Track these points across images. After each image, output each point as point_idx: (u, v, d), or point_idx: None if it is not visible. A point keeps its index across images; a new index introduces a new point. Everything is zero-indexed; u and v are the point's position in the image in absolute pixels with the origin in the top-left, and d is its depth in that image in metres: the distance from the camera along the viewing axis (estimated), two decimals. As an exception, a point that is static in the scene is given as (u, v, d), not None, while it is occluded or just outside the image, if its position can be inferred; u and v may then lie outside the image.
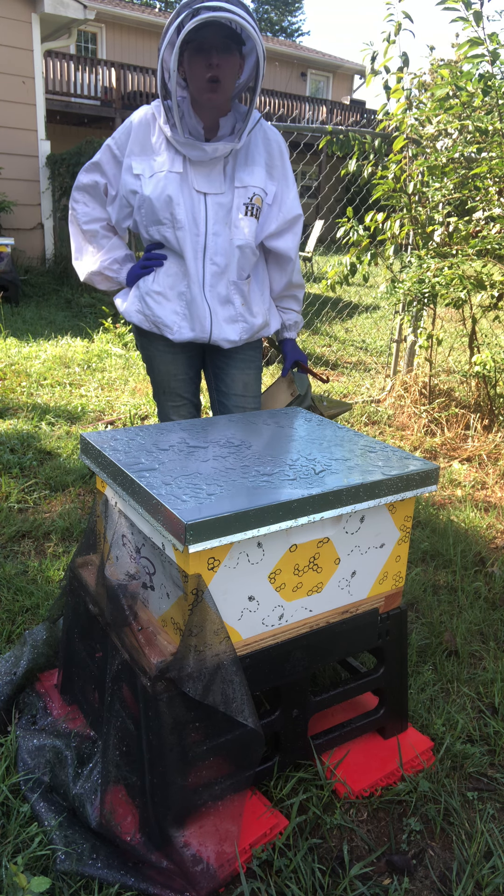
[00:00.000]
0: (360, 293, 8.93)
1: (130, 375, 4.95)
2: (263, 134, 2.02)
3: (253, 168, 1.98)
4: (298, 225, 2.11)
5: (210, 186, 1.94)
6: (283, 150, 2.05)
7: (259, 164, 1.99)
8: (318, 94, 21.31)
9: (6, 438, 3.53)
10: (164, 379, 2.21)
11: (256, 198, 1.98)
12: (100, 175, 2.05)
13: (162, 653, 1.34)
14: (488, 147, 3.30)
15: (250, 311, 2.09)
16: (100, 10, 15.14)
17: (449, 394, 4.31)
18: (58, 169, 8.85)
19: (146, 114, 1.96)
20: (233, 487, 1.32)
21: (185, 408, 2.27)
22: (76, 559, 1.67)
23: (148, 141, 1.95)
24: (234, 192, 1.96)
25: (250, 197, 1.97)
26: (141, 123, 1.96)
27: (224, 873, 1.33)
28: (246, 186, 1.96)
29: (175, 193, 1.91)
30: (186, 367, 2.20)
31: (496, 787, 1.64)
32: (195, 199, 1.94)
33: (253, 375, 2.24)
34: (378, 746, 1.68)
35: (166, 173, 1.91)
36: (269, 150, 2.02)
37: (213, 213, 1.95)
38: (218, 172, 1.95)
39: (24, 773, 1.52)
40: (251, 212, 1.98)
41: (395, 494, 1.46)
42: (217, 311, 2.04)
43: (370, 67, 3.67)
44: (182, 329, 2.05)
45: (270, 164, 2.02)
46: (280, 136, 2.06)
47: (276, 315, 2.22)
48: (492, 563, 2.61)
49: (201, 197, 1.94)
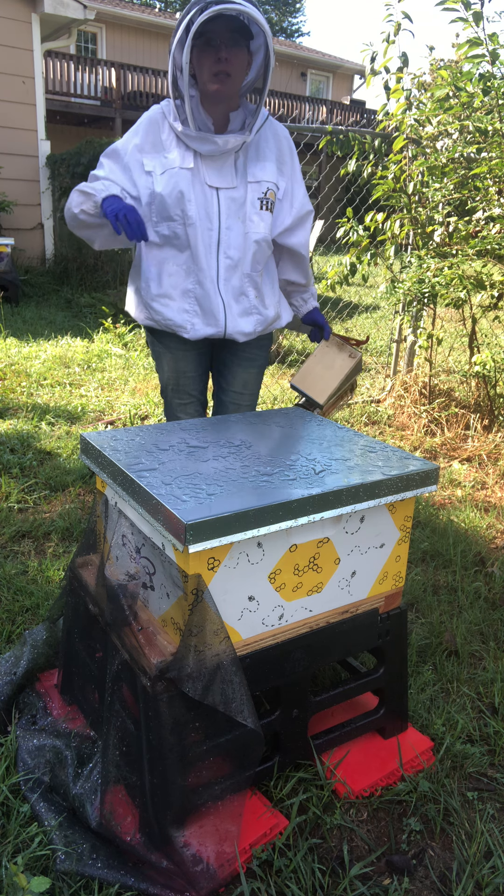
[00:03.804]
0: (360, 293, 8.93)
1: (130, 375, 4.95)
2: (273, 130, 2.05)
3: (264, 163, 2.01)
4: (309, 221, 2.13)
5: (222, 181, 1.96)
6: (292, 147, 2.09)
7: (270, 160, 2.02)
8: (318, 95, 21.31)
9: (6, 438, 3.53)
10: (173, 376, 2.22)
11: (270, 192, 2.01)
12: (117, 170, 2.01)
13: (162, 653, 1.34)
14: (488, 147, 3.30)
15: (263, 304, 2.11)
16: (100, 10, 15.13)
17: (449, 394, 4.31)
18: (58, 169, 8.85)
19: (155, 112, 1.98)
20: (233, 487, 1.32)
21: (193, 406, 2.28)
22: (76, 559, 1.67)
23: (159, 139, 1.97)
24: (246, 187, 1.99)
25: (264, 191, 2.00)
26: (151, 122, 1.98)
27: (224, 873, 1.33)
28: (259, 181, 1.99)
29: (187, 189, 1.93)
30: (196, 364, 2.21)
31: (496, 787, 1.64)
32: (207, 193, 1.95)
33: (254, 374, 2.26)
34: (378, 746, 1.68)
35: (178, 170, 1.93)
36: (279, 146, 2.05)
37: (226, 207, 1.97)
38: (229, 167, 1.97)
39: (24, 773, 1.52)
40: (266, 206, 2.01)
41: (395, 494, 1.46)
42: (231, 305, 2.04)
43: (370, 68, 3.67)
44: (196, 326, 2.05)
45: (280, 159, 2.05)
46: (288, 133, 2.09)
47: (286, 308, 2.24)
48: (492, 563, 2.61)
49: (213, 192, 1.96)
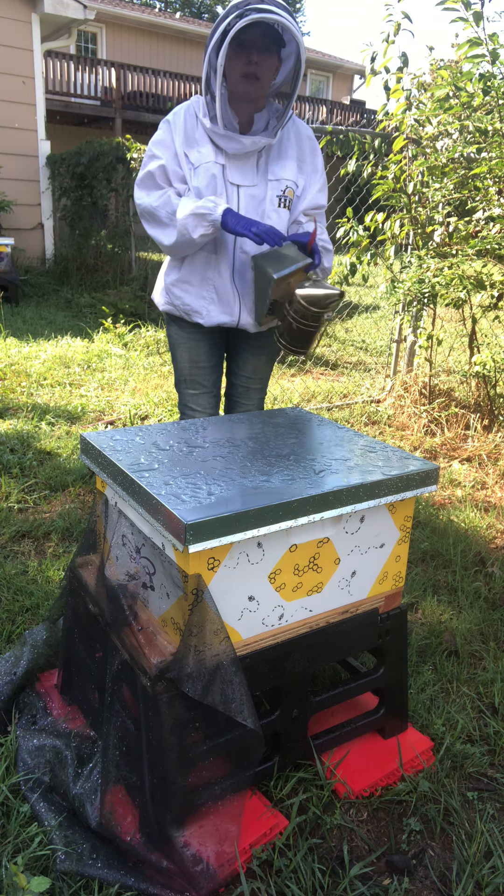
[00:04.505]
0: (360, 293, 8.93)
1: (130, 375, 4.94)
2: (296, 129, 2.12)
3: (285, 162, 2.08)
4: (321, 215, 2.18)
5: (243, 179, 2.05)
6: (315, 147, 2.15)
7: (291, 159, 2.09)
8: (318, 94, 21.29)
9: (6, 438, 3.53)
10: (186, 366, 2.31)
11: (289, 190, 2.09)
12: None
13: (162, 653, 1.34)
14: (488, 147, 3.30)
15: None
16: (100, 10, 15.12)
17: (449, 394, 4.31)
18: (58, 169, 8.85)
19: (189, 108, 2.06)
20: (233, 487, 1.32)
21: (204, 397, 2.35)
22: (76, 559, 1.67)
23: (193, 134, 2.05)
24: (267, 185, 2.06)
25: (283, 189, 2.07)
26: (188, 116, 2.05)
27: (224, 873, 1.33)
28: (279, 179, 2.07)
29: (218, 184, 2.03)
30: (209, 354, 2.29)
31: (496, 787, 1.64)
32: (229, 190, 2.05)
33: (264, 360, 2.35)
34: (378, 746, 1.68)
35: (211, 164, 2.02)
36: (300, 146, 2.11)
37: (245, 203, 2.06)
38: (251, 165, 2.05)
39: (24, 773, 1.52)
40: (284, 203, 2.08)
41: (395, 494, 1.46)
42: (246, 297, 2.13)
43: (370, 68, 3.67)
44: (211, 313, 2.15)
45: (301, 158, 2.11)
46: (311, 132, 2.15)
47: None
48: (492, 563, 2.61)
49: (234, 188, 2.05)
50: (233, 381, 2.43)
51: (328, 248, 2.15)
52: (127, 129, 13.97)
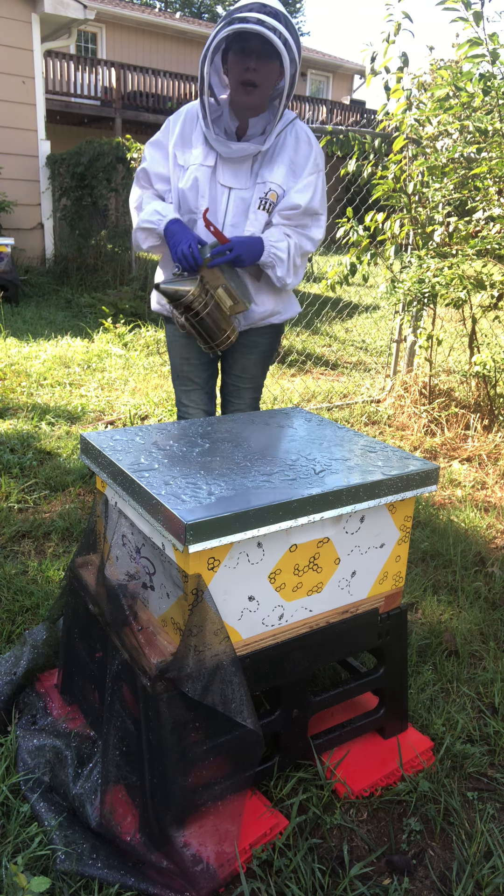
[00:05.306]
0: (360, 293, 8.92)
1: (130, 375, 4.94)
2: (295, 134, 2.10)
3: (274, 167, 2.07)
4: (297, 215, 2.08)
5: (235, 182, 2.06)
6: (313, 152, 2.09)
7: (282, 163, 2.08)
8: (318, 94, 21.30)
9: (6, 438, 3.53)
10: (178, 363, 2.36)
11: (272, 193, 2.08)
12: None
13: (162, 653, 1.34)
14: (488, 147, 3.30)
15: (255, 300, 2.18)
16: (100, 10, 15.11)
17: (449, 394, 4.31)
18: (58, 169, 8.84)
19: (191, 109, 2.08)
20: (233, 487, 1.32)
21: (196, 393, 2.39)
22: (76, 559, 1.67)
23: (189, 135, 2.07)
24: (255, 188, 2.07)
25: (266, 192, 2.07)
26: (189, 116, 2.08)
27: (224, 873, 1.33)
28: (265, 182, 2.07)
29: (203, 186, 2.04)
30: (199, 351, 2.30)
31: (496, 787, 1.64)
32: (219, 192, 2.06)
33: (253, 360, 2.35)
34: (378, 746, 1.68)
35: (198, 166, 2.04)
36: (296, 150, 2.09)
37: (234, 206, 2.07)
38: (245, 169, 2.07)
39: (24, 773, 1.52)
40: (264, 206, 2.08)
41: (395, 494, 1.46)
42: None
43: (370, 68, 3.67)
44: None
45: (295, 162, 2.09)
46: (313, 137, 2.12)
47: (291, 304, 2.30)
48: (492, 563, 2.61)
49: (225, 191, 2.06)
50: (225, 380, 2.46)
51: (280, 256, 2.06)
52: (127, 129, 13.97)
